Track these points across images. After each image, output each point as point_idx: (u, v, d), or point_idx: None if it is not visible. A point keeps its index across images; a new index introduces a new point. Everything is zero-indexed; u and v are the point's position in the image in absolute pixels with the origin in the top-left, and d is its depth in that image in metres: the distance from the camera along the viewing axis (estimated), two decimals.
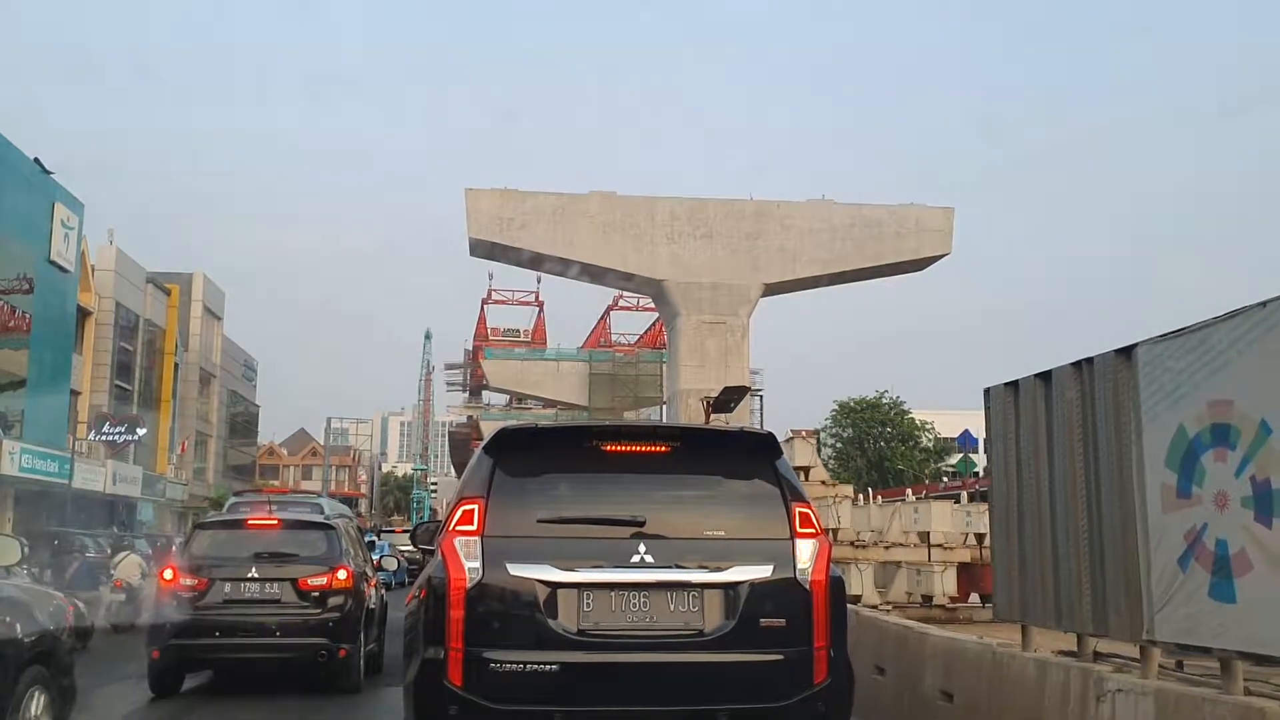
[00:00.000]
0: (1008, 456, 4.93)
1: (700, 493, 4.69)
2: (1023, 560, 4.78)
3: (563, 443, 4.96)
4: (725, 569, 4.33)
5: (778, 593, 4.35)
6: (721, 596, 4.31)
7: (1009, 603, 4.91)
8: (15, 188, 29.98)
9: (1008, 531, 4.93)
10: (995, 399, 5.02)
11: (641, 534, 4.33)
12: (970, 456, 44.00)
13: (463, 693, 4.19)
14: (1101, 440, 4.09)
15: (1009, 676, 4.69)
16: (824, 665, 4.34)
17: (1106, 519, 4.03)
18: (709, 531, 4.47)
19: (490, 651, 4.22)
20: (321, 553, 9.34)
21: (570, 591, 4.26)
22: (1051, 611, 4.49)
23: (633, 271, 39.49)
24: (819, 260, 40.61)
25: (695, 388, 38.99)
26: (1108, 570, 4.02)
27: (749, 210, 40.82)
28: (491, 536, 4.33)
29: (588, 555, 4.31)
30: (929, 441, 64.38)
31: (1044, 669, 4.42)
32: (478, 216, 38.32)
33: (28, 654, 5.40)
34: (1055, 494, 4.46)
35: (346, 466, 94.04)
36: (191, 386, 48.72)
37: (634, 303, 63.66)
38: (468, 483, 4.68)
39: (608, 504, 4.48)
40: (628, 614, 4.27)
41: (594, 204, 39.72)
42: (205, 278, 50.33)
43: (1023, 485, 4.78)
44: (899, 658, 5.97)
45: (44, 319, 31.57)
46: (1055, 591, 4.44)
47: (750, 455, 4.73)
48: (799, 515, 4.48)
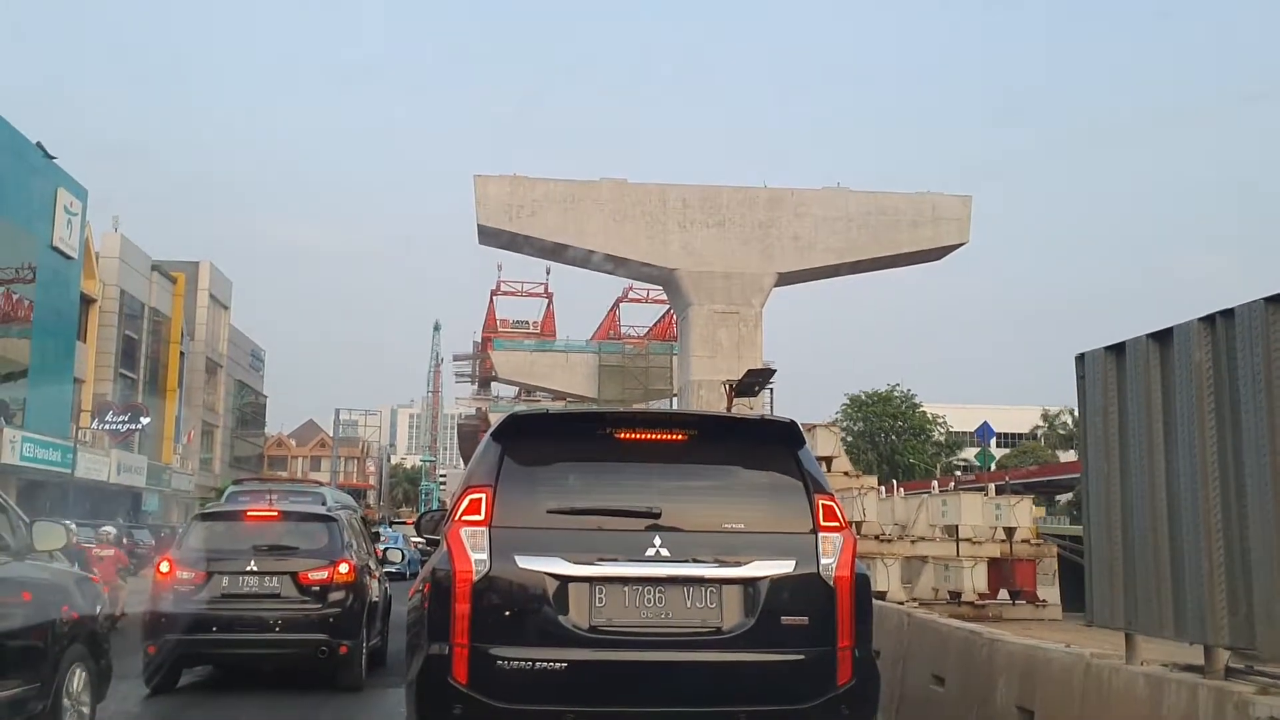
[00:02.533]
0: (1108, 436, 4.20)
1: (719, 483, 4.50)
2: (1129, 558, 4.06)
3: (575, 430, 4.72)
4: (745, 564, 4.14)
5: (800, 589, 4.17)
6: (740, 592, 4.13)
7: (1109, 607, 4.19)
8: (18, 172, 29.44)
9: (1107, 524, 4.21)
10: (1092, 366, 4.28)
11: (657, 526, 4.15)
12: (988, 449, 43.24)
13: (468, 691, 4.00)
14: (1245, 414, 3.36)
15: (1110, 693, 3.98)
16: (848, 666, 4.13)
17: (1253, 510, 3.31)
18: (728, 524, 4.28)
19: (497, 648, 4.03)
20: (323, 545, 9.14)
21: (582, 586, 4.08)
22: (1170, 619, 3.77)
23: (644, 260, 38.83)
24: (834, 249, 39.83)
25: (707, 379, 38.32)
26: (1255, 573, 3.31)
27: (762, 198, 40.07)
28: (499, 527, 4.14)
29: (600, 548, 4.13)
30: (941, 435, 63.69)
31: (1159, 686, 3.70)
32: (487, 203, 37.69)
33: (70, 634, 5.74)
34: (1177, 480, 3.73)
35: (355, 458, 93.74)
36: (198, 376, 48.19)
37: (644, 294, 62.97)
38: (475, 470, 4.49)
39: (622, 494, 4.30)
40: (642, 610, 4.09)
41: (605, 191, 39.03)
42: (212, 266, 49.79)
43: (1129, 470, 4.06)
44: (964, 667, 5.27)
45: (46, 306, 31.04)
46: (1176, 596, 3.73)
47: (772, 445, 4.52)
48: (823, 508, 4.29)
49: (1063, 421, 61.18)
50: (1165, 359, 3.84)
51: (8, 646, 5.28)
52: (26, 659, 5.39)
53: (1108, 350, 4.23)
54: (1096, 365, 4.27)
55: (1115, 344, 4.18)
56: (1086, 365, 4.36)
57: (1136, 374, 3.99)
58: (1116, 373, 4.17)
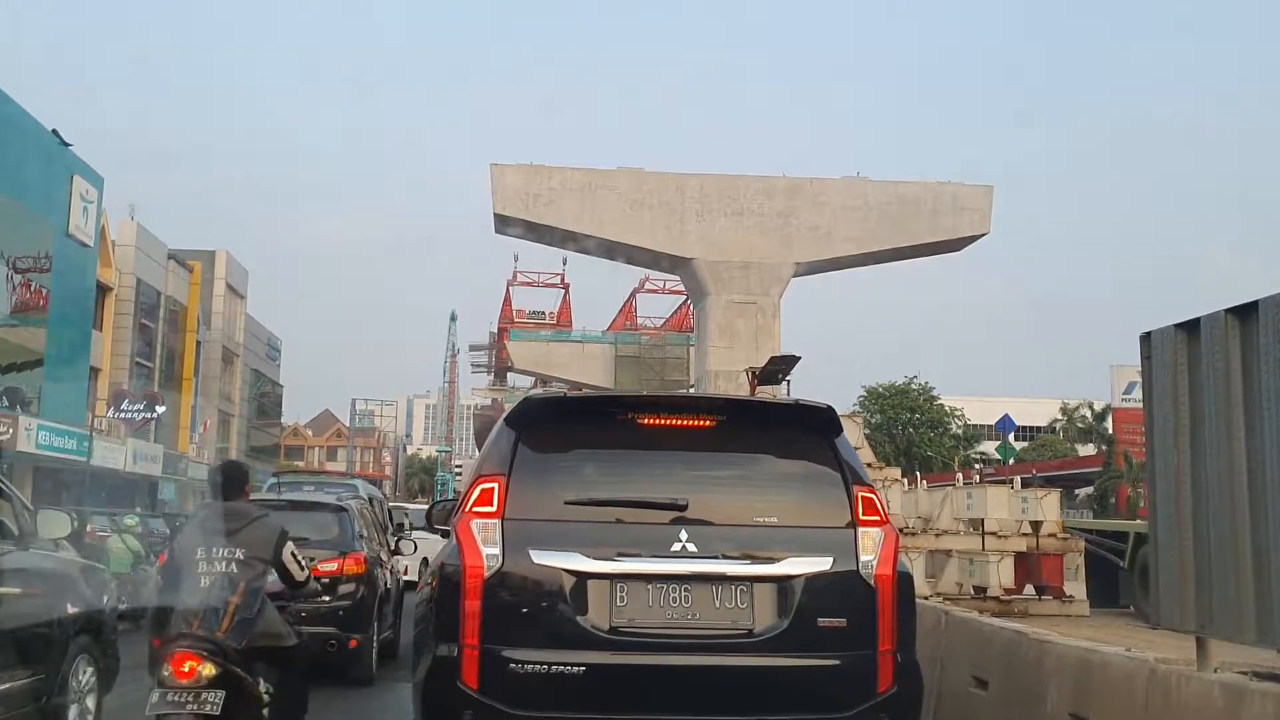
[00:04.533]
0: (1178, 421, 3.85)
1: (749, 473, 4.24)
2: (1203, 554, 3.72)
3: (594, 415, 4.40)
4: (778, 560, 3.90)
5: (838, 588, 3.92)
6: (774, 591, 3.89)
7: (1178, 608, 3.85)
8: (33, 160, 29.35)
9: (1177, 517, 3.86)
10: (1160, 346, 3.93)
11: (683, 519, 3.90)
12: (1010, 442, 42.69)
13: (478, 696, 3.75)
14: None
15: (1179, 704, 3.64)
16: (890, 671, 3.88)
17: None
18: (759, 518, 4.02)
19: (510, 650, 3.78)
20: (333, 536, 9.00)
21: (601, 583, 3.83)
22: (1252, 623, 3.42)
23: (661, 249, 38.45)
24: (853, 239, 39.32)
25: (724, 369, 37.94)
26: None
27: (781, 187, 39.58)
28: (513, 519, 3.89)
29: (621, 542, 3.89)
30: (959, 428, 63.11)
31: (1239, 697, 3.35)
32: (504, 192, 37.39)
33: (76, 625, 5.69)
34: (1262, 469, 3.39)
35: (371, 448, 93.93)
36: (214, 365, 48.19)
37: (660, 285, 62.73)
38: (487, 458, 4.22)
39: (645, 485, 4.05)
40: (666, 610, 3.84)
41: (622, 180, 38.65)
42: (229, 255, 49.76)
43: (1201, 457, 3.71)
44: (1009, 670, 4.94)
45: (62, 294, 31.00)
46: (1260, 597, 3.38)
47: (806, 431, 4.22)
48: (863, 500, 4.03)
49: (1081, 415, 60.46)
50: (1246, 336, 3.49)
51: (12, 637, 5.19)
52: (31, 649, 5.31)
53: (1178, 328, 3.87)
54: (1165, 344, 3.91)
55: (1187, 321, 3.82)
56: (1153, 345, 4.00)
57: (1213, 353, 3.63)
58: (1188, 352, 3.81)
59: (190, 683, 4.19)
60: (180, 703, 4.16)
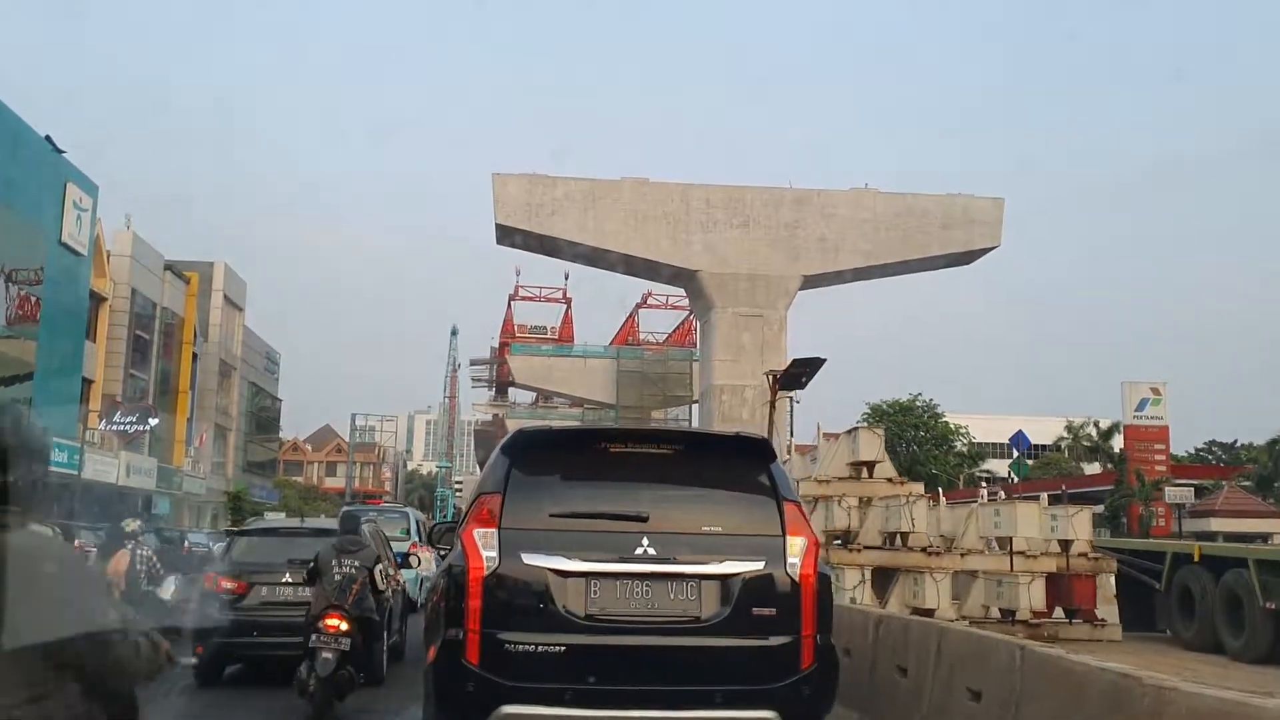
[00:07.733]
0: None
1: (699, 492, 5.05)
2: None
3: (574, 444, 5.42)
4: (721, 562, 4.67)
5: (769, 585, 4.69)
6: (717, 587, 4.65)
7: None
8: (25, 166, 28.68)
9: None
10: None
11: (645, 529, 4.64)
12: (1024, 458, 41.81)
13: (479, 670, 4.52)
14: None
15: None
16: (811, 652, 4.67)
17: None
18: (706, 527, 4.81)
19: (505, 633, 4.55)
20: None
21: (579, 580, 4.59)
22: None
23: (666, 261, 37.80)
24: (861, 251, 38.67)
25: (729, 383, 37.22)
26: None
27: (788, 198, 38.95)
28: (508, 529, 4.66)
29: (595, 547, 4.64)
30: (964, 446, 62.20)
31: None
32: (506, 202, 36.78)
33: None
34: None
35: (371, 464, 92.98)
36: (211, 378, 47.40)
37: (663, 300, 62.00)
38: (487, 480, 5.13)
39: (614, 501, 4.83)
40: (631, 601, 4.61)
41: (626, 190, 38.04)
42: (226, 267, 49.07)
43: None
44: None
45: (55, 303, 30.24)
46: None
47: (746, 458, 5.13)
48: (790, 514, 4.83)
49: (1087, 434, 59.53)
50: None
51: None
52: None
53: None
54: None
55: None
56: None
57: None
58: None
59: (333, 633, 7.45)
60: (326, 643, 7.40)
